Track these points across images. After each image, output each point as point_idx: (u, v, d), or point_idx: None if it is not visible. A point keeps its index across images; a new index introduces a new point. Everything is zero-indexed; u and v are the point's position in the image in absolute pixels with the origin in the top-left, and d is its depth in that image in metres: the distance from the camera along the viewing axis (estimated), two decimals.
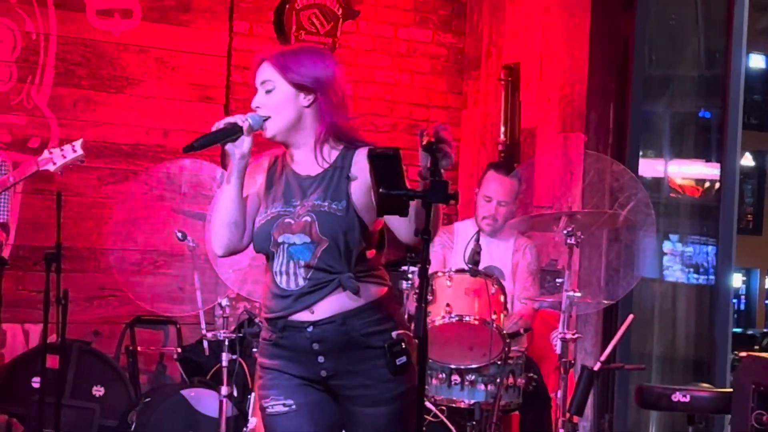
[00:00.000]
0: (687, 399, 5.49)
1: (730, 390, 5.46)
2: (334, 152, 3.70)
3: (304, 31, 7.54)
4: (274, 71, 3.68)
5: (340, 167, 3.66)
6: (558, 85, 7.34)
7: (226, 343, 5.67)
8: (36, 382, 6.13)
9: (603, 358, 5.55)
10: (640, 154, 7.33)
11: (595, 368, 5.48)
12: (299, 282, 3.64)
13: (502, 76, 7.76)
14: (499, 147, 7.70)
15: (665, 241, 7.75)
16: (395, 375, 3.62)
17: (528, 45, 7.64)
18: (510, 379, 5.55)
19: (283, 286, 3.67)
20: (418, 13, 8.13)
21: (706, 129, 7.89)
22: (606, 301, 6.26)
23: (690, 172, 7.97)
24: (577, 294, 5.57)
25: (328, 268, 3.61)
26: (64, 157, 5.65)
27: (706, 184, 7.83)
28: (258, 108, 3.69)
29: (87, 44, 6.92)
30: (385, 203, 3.25)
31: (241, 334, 5.82)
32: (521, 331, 5.79)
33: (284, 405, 3.70)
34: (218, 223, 3.73)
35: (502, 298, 5.50)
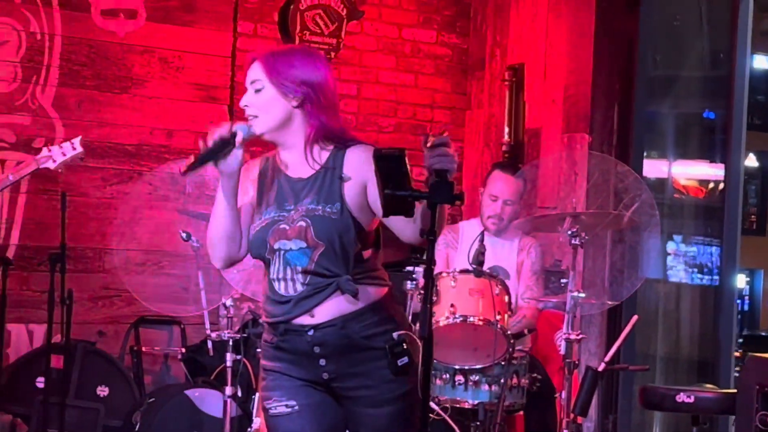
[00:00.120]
0: (691, 400, 5.49)
1: (735, 391, 5.46)
2: (325, 153, 3.68)
3: (308, 32, 7.54)
4: (263, 71, 3.66)
5: (331, 168, 3.65)
6: (562, 85, 7.34)
7: (231, 343, 5.68)
8: (40, 382, 6.13)
9: (607, 359, 5.55)
10: (644, 154, 7.33)
11: (600, 369, 5.48)
12: (297, 288, 3.64)
13: (506, 77, 7.76)
14: (504, 148, 7.70)
15: (669, 241, 7.75)
16: (397, 375, 3.61)
17: (532, 46, 7.63)
18: (514, 380, 5.55)
19: (281, 292, 3.67)
20: (422, 13, 8.13)
21: (710, 130, 7.89)
22: (610, 302, 6.26)
23: (694, 173, 7.97)
24: (582, 295, 5.58)
25: (326, 272, 3.60)
26: (64, 155, 5.64)
27: (710, 184, 7.83)
28: (246, 107, 3.68)
29: (92, 45, 6.92)
30: (390, 204, 3.25)
31: (245, 335, 5.83)
32: (525, 331, 5.78)
33: (287, 406, 3.70)
34: (214, 237, 3.72)
35: (507, 299, 5.50)
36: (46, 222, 6.72)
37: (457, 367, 5.49)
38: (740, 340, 9.44)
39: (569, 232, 5.56)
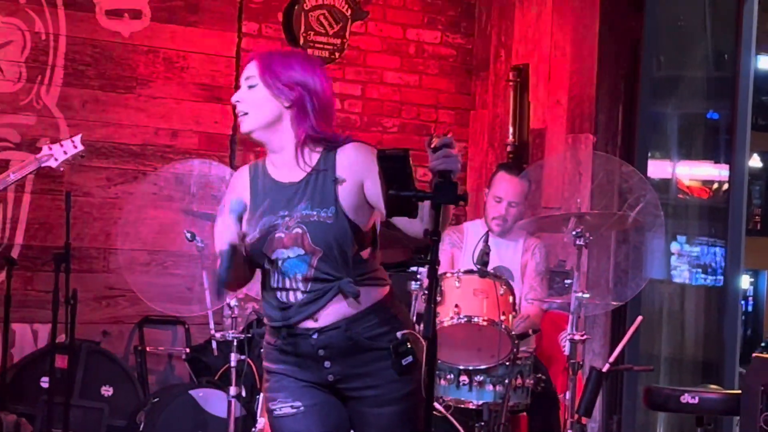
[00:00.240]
0: (695, 400, 5.48)
1: (739, 392, 5.45)
2: (315, 155, 3.65)
3: (312, 32, 7.54)
4: (258, 69, 3.67)
5: (323, 170, 3.62)
6: (567, 86, 7.33)
7: (235, 343, 5.68)
8: (45, 382, 6.15)
9: (612, 360, 5.54)
10: (648, 155, 7.33)
11: (604, 369, 5.48)
12: (298, 296, 3.63)
13: (510, 77, 7.76)
14: (508, 148, 7.69)
15: (673, 242, 7.75)
16: (401, 375, 3.62)
17: (537, 46, 7.63)
18: (518, 380, 5.54)
19: (283, 300, 3.67)
20: (427, 14, 8.13)
21: (714, 130, 7.88)
22: (614, 303, 6.26)
23: (698, 174, 7.96)
24: (586, 295, 5.58)
25: (326, 277, 3.60)
26: (66, 153, 5.64)
27: (714, 185, 7.82)
28: (238, 102, 3.68)
29: (96, 45, 6.92)
30: (394, 204, 3.25)
31: (249, 335, 5.83)
32: (530, 332, 5.78)
33: (292, 407, 3.69)
34: (224, 281, 3.70)
35: (511, 299, 5.50)
36: (51, 222, 6.73)
37: (461, 367, 5.48)
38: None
39: (574, 233, 5.56)
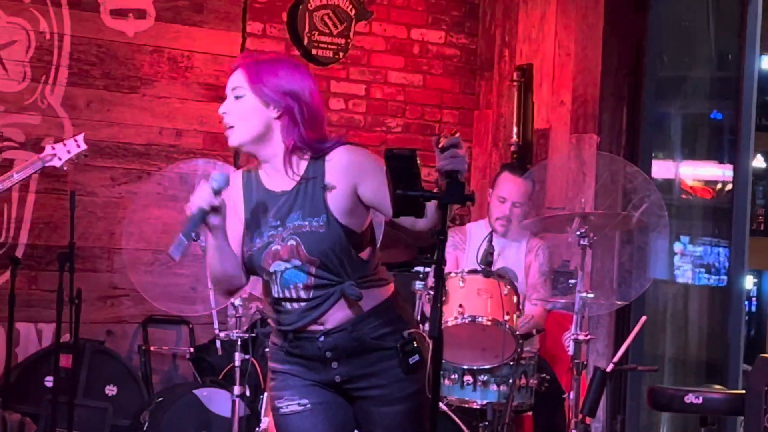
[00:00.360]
0: (699, 401, 5.47)
1: (743, 392, 5.45)
2: (303, 163, 3.62)
3: (317, 32, 7.54)
4: (246, 78, 3.60)
5: (312, 178, 3.59)
6: (571, 86, 7.33)
7: (239, 342, 5.68)
8: (49, 382, 6.15)
9: (616, 360, 5.54)
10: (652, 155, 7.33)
11: (608, 369, 5.47)
12: (301, 303, 3.63)
13: (514, 77, 7.75)
14: (512, 148, 7.69)
15: (677, 242, 7.75)
16: (408, 374, 3.64)
17: (541, 46, 7.63)
18: (522, 380, 5.54)
19: (287, 308, 3.67)
20: (431, 14, 8.13)
21: (717, 130, 7.88)
22: (618, 303, 6.26)
23: (702, 174, 7.96)
24: (590, 295, 5.57)
25: (326, 283, 3.59)
26: (69, 153, 5.63)
27: (717, 185, 7.82)
28: (225, 114, 3.62)
29: (101, 44, 6.93)
30: (401, 204, 3.24)
31: (253, 334, 5.82)
32: (534, 332, 5.78)
33: (299, 405, 3.70)
34: (215, 280, 3.73)
35: (515, 299, 5.50)
36: (55, 221, 6.73)
37: (465, 367, 5.49)
38: None
39: (578, 233, 5.56)
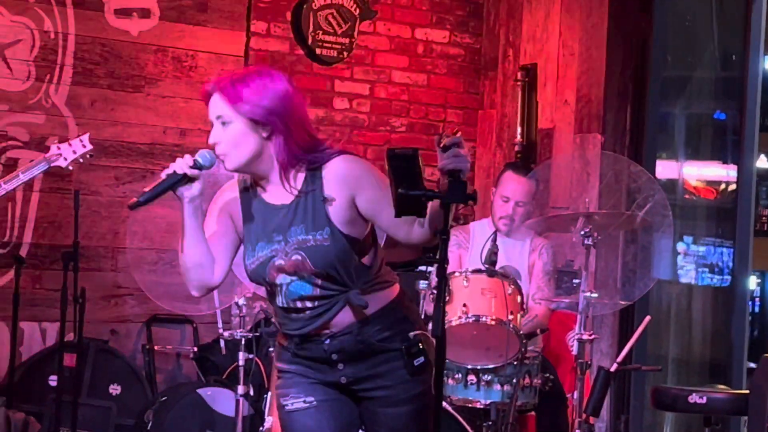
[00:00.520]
0: (703, 401, 5.46)
1: (747, 392, 5.44)
2: (300, 175, 3.59)
3: (321, 31, 7.54)
4: (227, 105, 3.51)
5: (311, 191, 3.57)
6: (575, 85, 7.33)
7: (243, 342, 5.69)
8: (53, 381, 6.16)
9: (619, 359, 5.54)
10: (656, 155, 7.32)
11: (612, 369, 5.47)
12: (307, 312, 3.64)
13: (518, 77, 7.75)
14: (516, 148, 7.68)
15: (680, 242, 7.74)
16: (413, 376, 3.65)
17: (545, 46, 7.63)
18: (526, 380, 5.54)
19: (292, 317, 3.68)
20: (435, 13, 8.12)
21: (721, 131, 7.88)
22: (622, 302, 6.25)
23: (705, 174, 7.96)
24: (594, 295, 5.57)
25: (332, 293, 3.60)
26: (75, 153, 5.63)
27: (721, 185, 7.81)
28: (217, 144, 3.54)
29: (105, 43, 6.93)
30: (403, 204, 3.24)
31: (257, 333, 5.84)
32: (537, 331, 5.78)
33: (305, 402, 3.72)
34: (183, 267, 3.69)
35: (519, 299, 5.50)
36: (59, 220, 6.73)
37: (469, 366, 5.49)
38: None
39: (582, 233, 5.55)
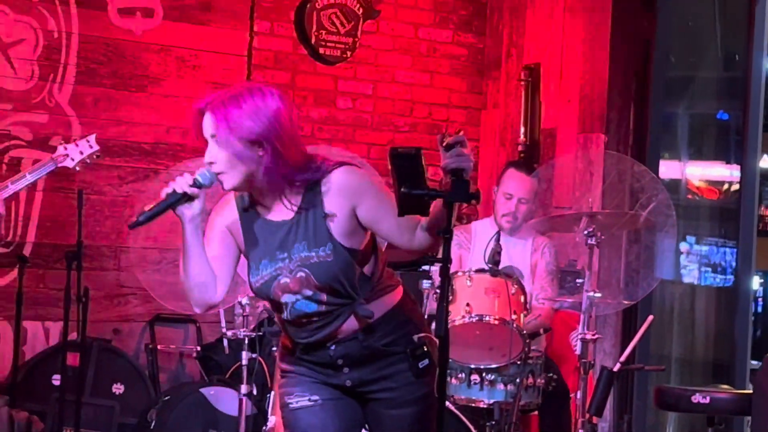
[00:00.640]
0: (707, 400, 5.47)
1: (750, 392, 5.44)
2: (299, 191, 3.55)
3: (324, 31, 7.55)
4: (221, 126, 3.48)
5: (312, 207, 3.54)
6: (578, 85, 7.33)
7: (246, 341, 5.69)
8: (56, 380, 6.16)
9: (623, 359, 5.54)
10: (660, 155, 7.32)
11: (615, 369, 5.47)
12: (313, 326, 3.64)
13: (522, 77, 7.75)
14: (519, 147, 7.68)
15: (683, 242, 7.74)
16: (418, 378, 3.66)
17: (548, 45, 7.63)
18: (529, 379, 5.54)
19: (298, 329, 3.68)
20: (438, 13, 8.12)
21: (724, 131, 7.87)
22: (626, 302, 6.25)
23: (709, 174, 7.95)
24: (597, 294, 5.57)
25: (337, 307, 3.60)
26: (82, 153, 5.63)
27: (724, 185, 7.82)
28: (212, 163, 3.49)
29: (108, 43, 6.93)
30: (406, 203, 3.25)
31: (260, 333, 5.83)
32: (541, 331, 5.78)
33: (309, 400, 3.72)
34: (186, 286, 3.62)
35: (522, 299, 5.50)
36: (63, 220, 6.74)
37: (472, 366, 5.49)
38: None
39: (585, 232, 5.55)
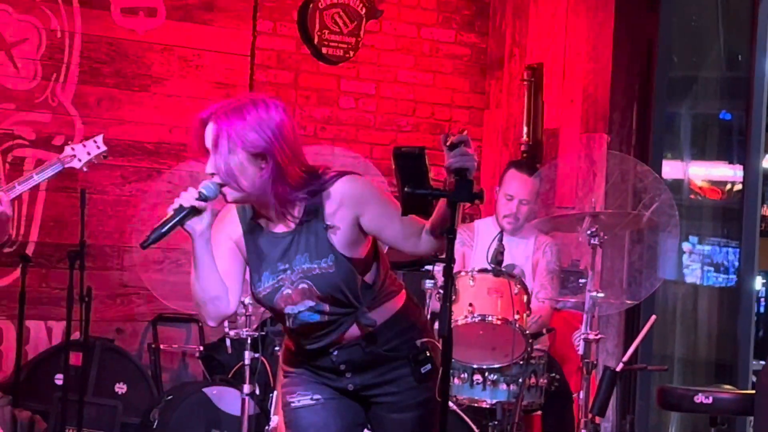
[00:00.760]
0: (709, 400, 5.46)
1: (753, 392, 5.44)
2: (300, 203, 3.53)
3: (327, 31, 7.54)
4: (224, 137, 3.43)
5: (313, 219, 3.53)
6: (581, 85, 7.33)
7: (249, 341, 5.69)
8: (59, 379, 6.15)
9: (625, 359, 5.54)
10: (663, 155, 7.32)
11: (618, 369, 5.47)
12: (316, 335, 3.65)
13: (525, 77, 7.75)
14: (522, 147, 7.68)
15: (686, 242, 7.73)
16: (421, 383, 3.67)
17: (551, 45, 7.62)
18: (532, 379, 5.55)
19: (301, 337, 3.69)
20: (441, 13, 8.12)
21: (727, 131, 7.87)
22: (629, 302, 6.25)
23: (711, 174, 7.95)
24: (600, 294, 5.57)
25: (339, 316, 3.61)
26: (89, 154, 5.59)
27: (727, 186, 7.81)
28: (214, 174, 3.46)
29: (111, 42, 6.93)
30: (409, 202, 3.25)
31: (263, 333, 5.83)
32: (543, 331, 5.78)
33: (312, 399, 3.73)
34: (200, 301, 3.58)
35: (525, 298, 5.50)
36: (66, 219, 6.74)
37: (475, 366, 5.49)
38: None
39: (588, 232, 5.55)
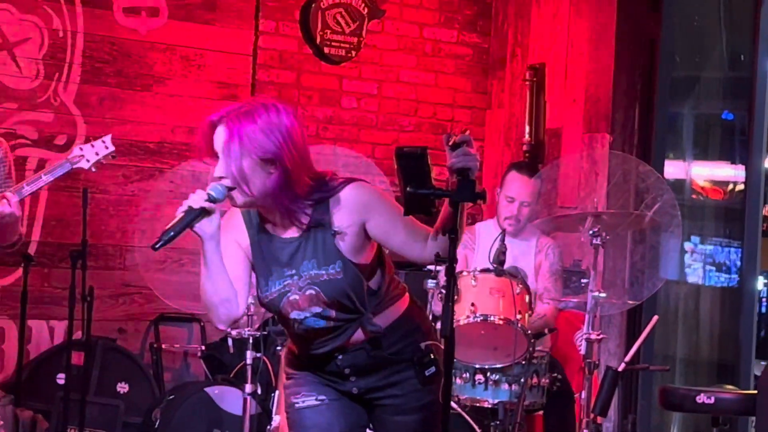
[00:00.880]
0: (711, 401, 5.45)
1: (755, 392, 5.43)
2: (308, 209, 3.53)
3: (329, 31, 7.54)
4: (234, 141, 3.43)
5: (320, 225, 3.53)
6: (583, 85, 7.32)
7: (251, 341, 5.69)
8: (61, 379, 6.16)
9: (627, 359, 5.54)
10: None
11: (620, 369, 5.47)
12: (321, 340, 3.66)
13: (527, 77, 7.74)
14: (524, 147, 7.68)
15: (688, 242, 7.73)
16: (424, 385, 3.68)
17: (553, 45, 7.62)
18: (534, 379, 5.55)
19: (305, 342, 3.70)
20: (443, 13, 8.12)
21: (730, 131, 7.86)
22: (631, 302, 6.25)
23: (714, 174, 7.94)
24: (602, 294, 5.56)
25: (345, 322, 3.62)
26: (98, 155, 5.57)
27: (729, 186, 7.80)
28: (223, 177, 3.47)
29: (114, 42, 6.93)
30: (411, 202, 3.25)
31: (265, 332, 5.83)
32: (545, 331, 5.77)
33: (317, 399, 3.74)
34: (210, 304, 3.60)
35: (527, 298, 5.50)
36: (68, 219, 6.74)
37: (477, 366, 5.49)
38: None
39: (590, 232, 5.55)
